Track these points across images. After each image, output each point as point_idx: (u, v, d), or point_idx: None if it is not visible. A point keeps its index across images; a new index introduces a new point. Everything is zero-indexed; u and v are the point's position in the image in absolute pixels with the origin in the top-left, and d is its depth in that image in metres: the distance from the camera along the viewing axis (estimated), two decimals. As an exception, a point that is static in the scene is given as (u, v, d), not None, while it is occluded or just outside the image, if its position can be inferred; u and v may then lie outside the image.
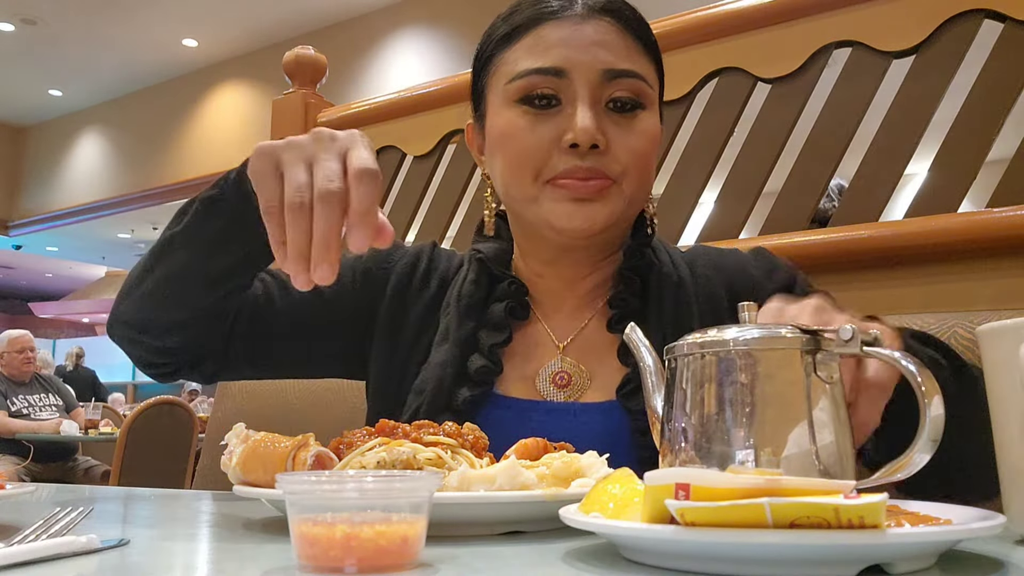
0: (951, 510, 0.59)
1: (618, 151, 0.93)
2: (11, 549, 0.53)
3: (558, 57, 0.93)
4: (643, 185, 0.97)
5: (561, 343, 1.02)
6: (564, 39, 0.94)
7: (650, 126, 0.96)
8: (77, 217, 11.33)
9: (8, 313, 17.01)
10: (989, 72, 1.41)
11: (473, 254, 1.07)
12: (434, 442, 0.76)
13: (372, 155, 0.73)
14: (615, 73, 0.93)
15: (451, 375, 0.98)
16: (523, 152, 0.94)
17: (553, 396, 0.99)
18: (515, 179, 0.97)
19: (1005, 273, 1.30)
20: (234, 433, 0.81)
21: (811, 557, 0.48)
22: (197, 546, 0.68)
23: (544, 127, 0.94)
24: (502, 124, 0.97)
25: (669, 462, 0.62)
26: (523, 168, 0.95)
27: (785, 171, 1.59)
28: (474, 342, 1.00)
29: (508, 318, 1.01)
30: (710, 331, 0.62)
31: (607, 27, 0.95)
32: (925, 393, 0.56)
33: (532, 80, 0.94)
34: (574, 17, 0.95)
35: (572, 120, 0.92)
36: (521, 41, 0.97)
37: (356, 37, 8.45)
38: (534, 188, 0.95)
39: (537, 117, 0.94)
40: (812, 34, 1.56)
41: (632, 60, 0.95)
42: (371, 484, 0.55)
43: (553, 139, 0.93)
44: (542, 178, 0.94)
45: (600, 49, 0.93)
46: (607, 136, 0.93)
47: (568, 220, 0.94)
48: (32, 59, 9.70)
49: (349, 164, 0.71)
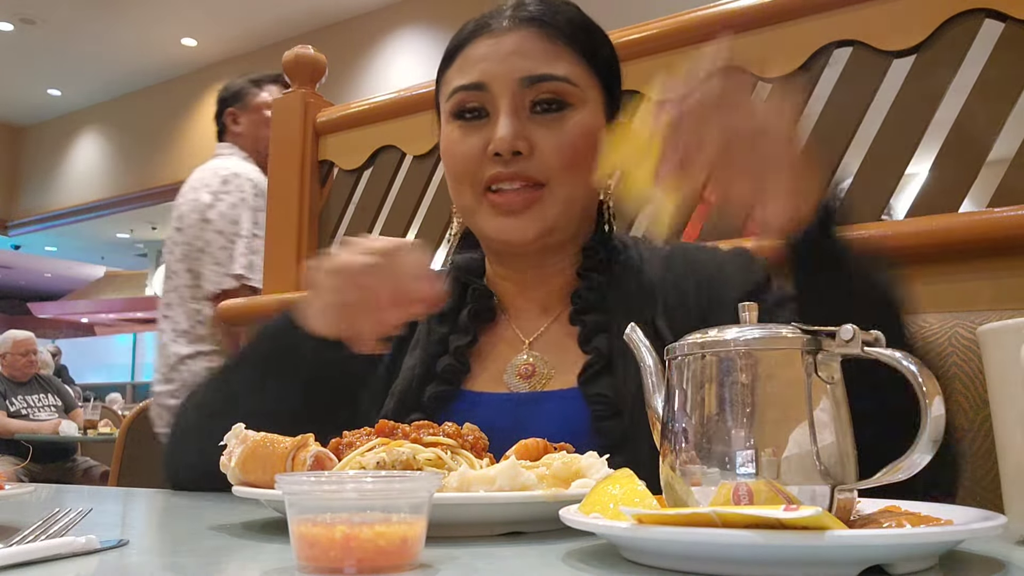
0: (951, 510, 0.59)
1: (544, 153, 0.98)
2: (11, 549, 0.53)
3: (478, 72, 1.00)
4: (577, 182, 1.00)
5: (527, 339, 1.07)
6: (485, 54, 1.01)
7: (578, 124, 0.99)
8: (76, 217, 11.32)
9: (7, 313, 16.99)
10: (989, 72, 1.41)
11: (450, 266, 1.14)
12: (434, 443, 0.76)
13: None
14: (533, 79, 0.98)
15: (419, 376, 1.04)
16: (458, 163, 1.02)
17: (518, 388, 1.03)
18: (456, 192, 1.04)
19: (1005, 273, 1.29)
20: (233, 433, 0.81)
21: (812, 557, 0.48)
22: (196, 546, 0.68)
23: (473, 138, 1.00)
24: (443, 139, 1.05)
25: (670, 463, 0.61)
26: (460, 180, 1.02)
27: (785, 171, 1.59)
28: (443, 347, 1.06)
29: (473, 321, 1.07)
30: (710, 331, 0.62)
31: (528, 36, 1.00)
32: (926, 393, 0.56)
33: (460, 96, 1.01)
34: (498, 31, 1.02)
35: (495, 129, 0.98)
36: (455, 61, 1.05)
37: (356, 37, 8.44)
38: (473, 200, 1.02)
39: (467, 130, 1.01)
40: (812, 34, 1.55)
41: (552, 64, 0.99)
42: (370, 485, 0.55)
43: (481, 148, 0.99)
44: (476, 189, 1.01)
45: (518, 58, 0.99)
46: (531, 140, 0.98)
47: (500, 233, 1.01)
48: (31, 59, 9.69)
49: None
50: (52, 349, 9.03)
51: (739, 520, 0.48)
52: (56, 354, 9.02)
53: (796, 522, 0.46)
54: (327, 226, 2.20)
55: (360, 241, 0.93)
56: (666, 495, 0.62)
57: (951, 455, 0.80)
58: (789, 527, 0.47)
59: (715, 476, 0.58)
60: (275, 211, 2.22)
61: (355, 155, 2.17)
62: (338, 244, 0.94)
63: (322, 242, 2.17)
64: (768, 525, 0.47)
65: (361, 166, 2.16)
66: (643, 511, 0.51)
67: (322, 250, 0.90)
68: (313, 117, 2.22)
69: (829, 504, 0.56)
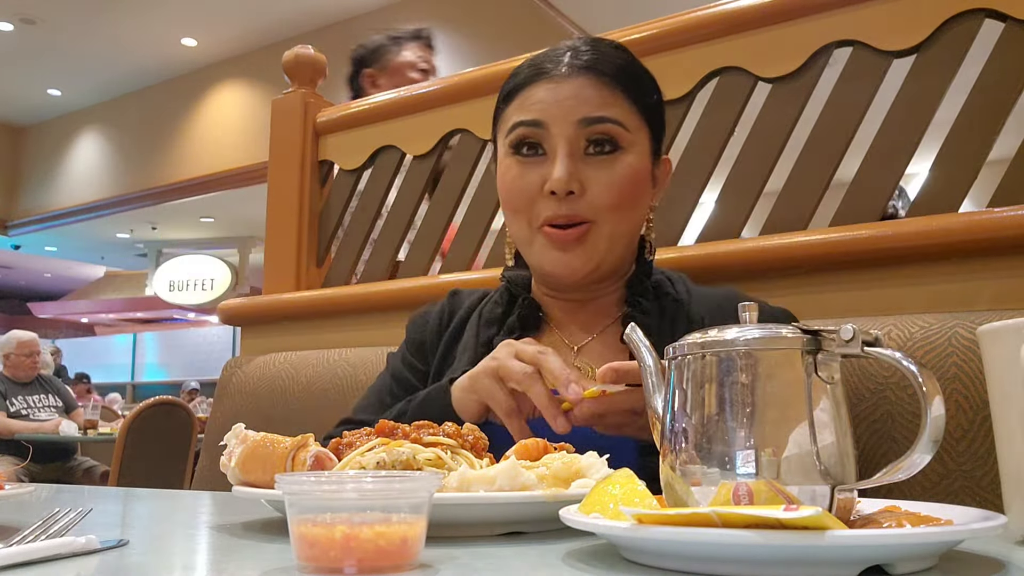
0: (951, 510, 0.59)
1: (595, 192, 1.06)
2: (11, 549, 0.53)
3: (538, 111, 1.08)
4: (623, 220, 1.09)
5: (575, 346, 1.14)
6: (545, 96, 1.08)
7: (627, 165, 1.07)
8: (76, 217, 11.32)
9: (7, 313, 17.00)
10: (989, 72, 1.41)
11: (502, 278, 1.23)
12: (434, 443, 0.76)
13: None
14: (590, 120, 1.06)
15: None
16: (515, 198, 1.09)
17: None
18: (513, 223, 1.12)
19: (1005, 273, 1.29)
20: (233, 433, 0.81)
21: (812, 557, 0.48)
22: (196, 546, 0.68)
23: (531, 175, 1.08)
24: (502, 171, 1.12)
25: (670, 462, 0.61)
26: (518, 213, 1.10)
27: (785, 171, 1.59)
28: (489, 350, 1.08)
29: (521, 325, 1.15)
30: (710, 331, 0.62)
31: (586, 82, 1.08)
32: (926, 394, 0.56)
33: (519, 132, 1.09)
34: (557, 76, 1.09)
35: (551, 169, 1.06)
36: (515, 101, 1.12)
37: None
38: (528, 232, 1.10)
39: (525, 165, 1.09)
40: (812, 34, 1.55)
41: (607, 107, 1.07)
42: (370, 485, 0.55)
43: (539, 185, 1.07)
44: (533, 224, 1.09)
45: (576, 102, 1.07)
46: (583, 180, 1.06)
47: (553, 266, 1.09)
48: (31, 59, 9.69)
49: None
50: (52, 349, 9.06)
51: (739, 520, 0.48)
52: (55, 353, 9.05)
53: (796, 522, 0.46)
54: (327, 226, 2.20)
55: (517, 346, 0.99)
56: (666, 495, 0.62)
57: None
58: (789, 527, 0.47)
59: (715, 476, 0.58)
60: (275, 211, 2.22)
61: (355, 155, 2.17)
62: (500, 347, 1.01)
63: (322, 242, 2.17)
64: (768, 525, 0.47)
65: (361, 166, 2.16)
66: (643, 511, 0.51)
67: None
68: (313, 117, 2.22)
69: (829, 504, 0.56)
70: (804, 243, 1.46)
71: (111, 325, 15.74)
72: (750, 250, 1.51)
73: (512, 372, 0.96)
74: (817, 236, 1.46)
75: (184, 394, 9.00)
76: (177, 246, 12.68)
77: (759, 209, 1.62)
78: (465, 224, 1.98)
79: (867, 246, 1.40)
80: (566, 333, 1.16)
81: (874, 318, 1.25)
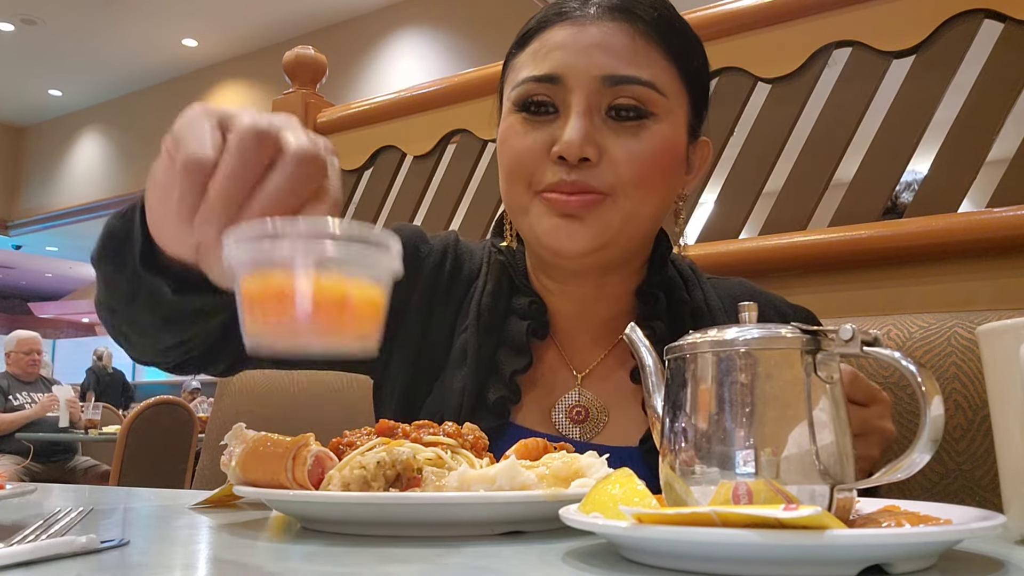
0: (951, 510, 0.59)
1: (615, 162, 0.87)
2: (11, 549, 0.53)
3: (554, 62, 0.88)
4: (647, 200, 0.89)
5: (579, 373, 0.97)
6: (564, 42, 0.89)
7: (658, 137, 0.88)
8: (77, 217, 11.32)
9: (8, 313, 17.00)
10: (989, 72, 1.41)
11: (493, 253, 1.02)
12: (434, 442, 0.76)
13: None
14: (616, 79, 0.87)
15: (469, 404, 0.93)
16: (515, 159, 0.91)
17: (569, 431, 0.95)
18: (509, 187, 0.93)
19: (1005, 273, 1.30)
20: (233, 433, 0.81)
21: (811, 557, 0.48)
22: (197, 546, 0.68)
23: (537, 134, 0.89)
24: (503, 129, 0.93)
25: (669, 463, 0.61)
26: (515, 176, 0.91)
27: (785, 171, 1.59)
28: (493, 364, 0.95)
29: (528, 340, 0.96)
30: (710, 331, 0.62)
31: (616, 28, 0.88)
32: (925, 393, 0.56)
33: (528, 87, 0.90)
34: (582, 18, 0.89)
35: (562, 130, 0.87)
36: (530, 46, 0.93)
37: (356, 37, 8.44)
38: (525, 198, 0.91)
39: (531, 124, 0.90)
40: (812, 34, 1.56)
41: (639, 65, 0.88)
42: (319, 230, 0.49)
43: (544, 147, 0.88)
44: (532, 188, 0.90)
45: (601, 53, 0.87)
46: (601, 147, 0.87)
47: (552, 236, 0.89)
48: (32, 59, 9.69)
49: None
50: (104, 351, 9.16)
51: (738, 520, 0.48)
52: (104, 356, 9.13)
53: (795, 521, 0.46)
54: (327, 226, 2.20)
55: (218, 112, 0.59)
56: (666, 495, 0.62)
57: None
58: (788, 526, 0.47)
59: (714, 475, 0.58)
60: (275, 211, 2.22)
61: (355, 155, 2.17)
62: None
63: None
64: (767, 524, 0.47)
65: (361, 166, 2.16)
66: (643, 510, 0.51)
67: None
68: (314, 117, 2.23)
69: (828, 503, 0.56)
70: (804, 243, 1.47)
71: (112, 325, 15.72)
72: (750, 250, 1.51)
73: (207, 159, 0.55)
74: (817, 236, 1.47)
75: (186, 393, 9.00)
76: (178, 246, 12.67)
77: (759, 209, 1.62)
78: (465, 224, 1.98)
79: (867, 246, 1.40)
80: (570, 352, 0.98)
81: (873, 318, 1.25)
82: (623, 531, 0.52)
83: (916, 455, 0.56)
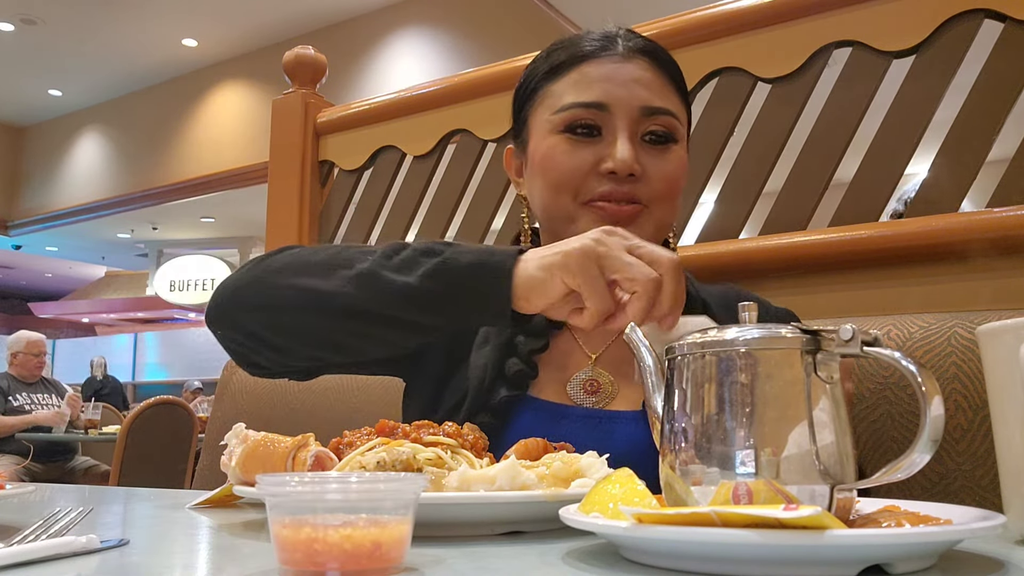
0: (951, 510, 0.59)
1: (651, 179, 1.02)
2: (11, 549, 0.53)
3: (600, 92, 1.03)
4: (671, 211, 1.06)
5: (593, 354, 1.08)
6: (607, 76, 1.03)
7: (680, 158, 1.05)
8: (77, 217, 11.32)
9: (8, 313, 17.00)
10: (989, 72, 1.41)
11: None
12: (434, 442, 0.76)
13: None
14: (652, 110, 1.03)
15: (491, 377, 1.04)
16: (564, 174, 1.03)
17: (582, 402, 1.04)
18: (555, 199, 1.05)
19: (1005, 273, 1.30)
20: (234, 433, 0.81)
21: (811, 557, 0.48)
22: (197, 546, 0.68)
23: (584, 152, 1.02)
24: (545, 149, 1.05)
25: (669, 462, 0.61)
26: (563, 189, 1.03)
27: (785, 171, 1.59)
28: (512, 347, 1.06)
29: (549, 326, 1.07)
30: (710, 331, 0.62)
31: (645, 66, 1.05)
32: (925, 393, 0.56)
33: (576, 112, 1.03)
34: (615, 57, 1.05)
35: (611, 149, 1.01)
36: (566, 76, 1.06)
37: (356, 37, 8.44)
38: (572, 207, 1.03)
39: (578, 144, 1.03)
40: (812, 34, 1.56)
41: (666, 98, 1.05)
42: (355, 486, 0.54)
43: (592, 164, 1.02)
44: (580, 199, 1.03)
45: (639, 87, 1.03)
46: (642, 165, 1.02)
47: None
48: (32, 59, 9.69)
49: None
50: (101, 360, 9.18)
51: (738, 520, 0.48)
52: (104, 365, 9.15)
53: (795, 522, 0.46)
54: (327, 226, 2.20)
55: (630, 239, 0.83)
56: (666, 495, 0.62)
57: None
58: (788, 527, 0.47)
59: (715, 475, 0.58)
60: (275, 211, 2.22)
61: (355, 155, 2.17)
62: (601, 231, 0.83)
63: (322, 242, 2.17)
64: (767, 525, 0.47)
65: (361, 166, 2.16)
66: (643, 511, 0.51)
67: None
68: (313, 117, 2.23)
69: (828, 503, 0.57)
70: (804, 243, 1.47)
71: (112, 325, 15.74)
72: (750, 250, 1.51)
73: (626, 268, 0.79)
74: (817, 236, 1.47)
75: (187, 393, 9.00)
76: (178, 246, 12.68)
77: (759, 209, 1.62)
78: (465, 224, 1.98)
79: (866, 246, 1.41)
80: (584, 338, 1.09)
81: (873, 318, 1.25)
82: (623, 531, 0.52)
83: (916, 455, 0.56)
